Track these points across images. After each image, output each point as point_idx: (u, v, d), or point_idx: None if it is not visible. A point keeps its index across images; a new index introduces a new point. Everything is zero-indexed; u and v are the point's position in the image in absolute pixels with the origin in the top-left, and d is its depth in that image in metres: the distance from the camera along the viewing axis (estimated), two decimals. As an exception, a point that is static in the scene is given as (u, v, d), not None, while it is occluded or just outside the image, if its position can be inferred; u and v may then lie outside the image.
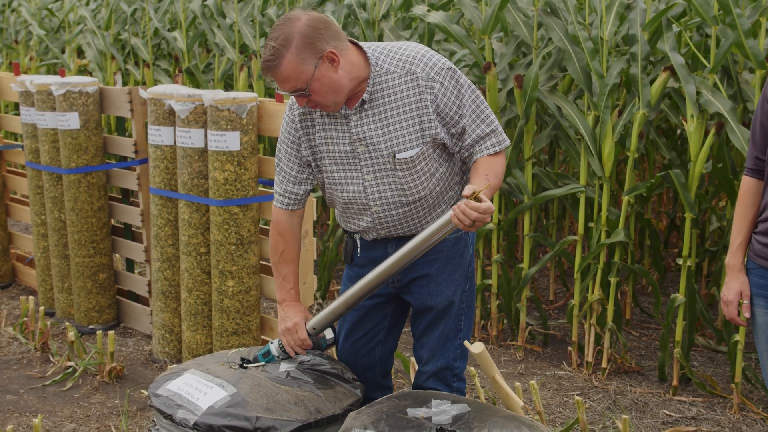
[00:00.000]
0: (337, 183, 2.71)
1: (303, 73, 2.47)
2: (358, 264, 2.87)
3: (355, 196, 2.70)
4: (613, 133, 4.10)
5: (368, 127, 2.61)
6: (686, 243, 4.03)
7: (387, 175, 2.64)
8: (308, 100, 2.55)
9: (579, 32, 4.13)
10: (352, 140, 2.63)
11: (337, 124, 2.65)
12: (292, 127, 2.72)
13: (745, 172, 2.69)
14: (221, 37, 5.68)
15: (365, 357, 2.99)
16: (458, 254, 2.82)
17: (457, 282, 2.84)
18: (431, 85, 2.57)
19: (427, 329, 2.88)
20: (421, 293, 2.83)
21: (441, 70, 2.59)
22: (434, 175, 2.67)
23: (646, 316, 5.10)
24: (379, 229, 2.75)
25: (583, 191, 4.28)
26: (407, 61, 2.59)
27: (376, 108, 2.60)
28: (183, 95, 3.92)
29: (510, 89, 4.42)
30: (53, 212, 4.68)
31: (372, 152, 2.62)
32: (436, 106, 2.58)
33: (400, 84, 2.59)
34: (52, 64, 7.36)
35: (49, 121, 4.56)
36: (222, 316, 3.98)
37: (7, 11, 8.10)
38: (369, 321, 2.95)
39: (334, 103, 2.56)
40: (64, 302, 4.81)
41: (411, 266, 2.78)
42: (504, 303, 4.68)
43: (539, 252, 6.11)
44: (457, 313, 2.87)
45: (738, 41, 3.72)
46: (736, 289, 2.67)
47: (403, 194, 2.66)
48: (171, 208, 4.15)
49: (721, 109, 3.81)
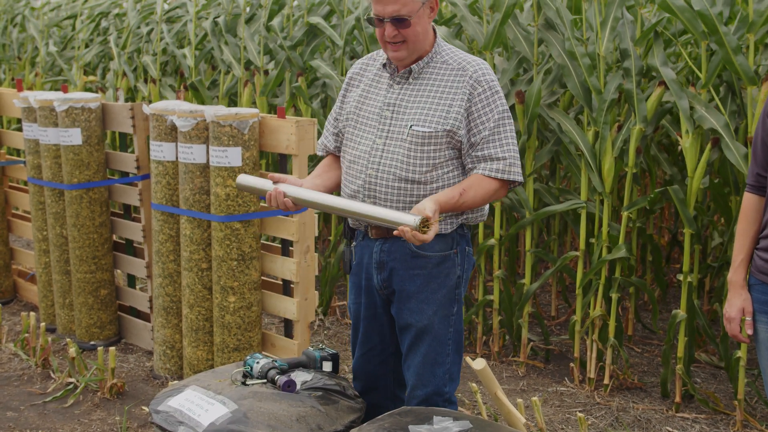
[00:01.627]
0: (350, 140, 2.85)
1: (413, 2, 2.64)
2: (356, 272, 2.93)
3: (360, 155, 2.80)
4: (612, 148, 4.11)
5: (402, 97, 2.76)
6: (686, 259, 4.03)
7: (396, 144, 2.73)
8: (398, 34, 2.67)
9: (576, 48, 4.14)
10: (383, 105, 2.78)
11: (378, 89, 2.82)
12: (343, 86, 2.96)
13: (747, 189, 2.69)
14: (228, 53, 5.71)
15: (378, 366, 3.00)
16: (443, 273, 2.81)
17: (439, 302, 2.81)
18: (474, 86, 2.72)
19: (411, 350, 2.86)
20: (401, 309, 2.84)
21: (489, 81, 2.74)
22: (437, 167, 2.73)
23: (648, 332, 5.09)
24: (365, 196, 2.77)
25: (584, 207, 4.28)
26: (465, 61, 2.77)
27: (418, 84, 2.76)
28: (185, 111, 3.93)
29: (511, 105, 4.43)
30: (55, 228, 4.69)
31: (394, 119, 2.75)
32: (469, 105, 2.70)
33: (449, 75, 2.75)
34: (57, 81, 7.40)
35: (51, 137, 4.57)
36: (223, 331, 3.97)
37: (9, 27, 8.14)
38: (376, 332, 2.96)
39: (413, 46, 2.70)
40: (65, 318, 4.81)
41: (394, 278, 2.81)
42: (506, 319, 4.67)
43: (541, 267, 6.10)
44: (443, 338, 2.84)
45: (727, 58, 3.74)
46: (739, 306, 2.67)
47: (401, 168, 2.72)
48: (173, 223, 4.15)
49: (715, 125, 3.81)
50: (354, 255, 2.92)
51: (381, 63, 2.85)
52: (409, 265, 2.78)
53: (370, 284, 2.88)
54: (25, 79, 7.50)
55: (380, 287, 2.85)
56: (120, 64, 6.56)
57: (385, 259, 2.81)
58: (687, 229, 4.01)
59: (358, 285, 2.93)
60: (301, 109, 5.35)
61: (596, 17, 4.12)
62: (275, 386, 2.77)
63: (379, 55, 2.90)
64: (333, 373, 2.93)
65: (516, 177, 2.73)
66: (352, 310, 3.01)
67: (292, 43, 5.39)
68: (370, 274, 2.86)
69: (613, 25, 4.12)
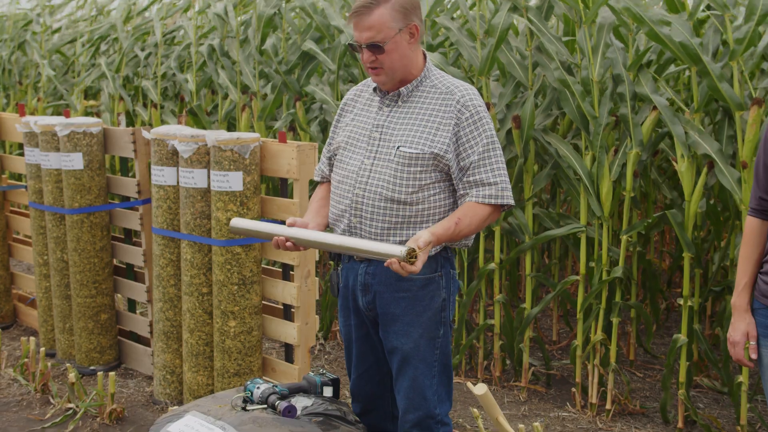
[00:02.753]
0: (340, 161, 2.89)
1: (388, 29, 2.69)
2: (343, 295, 2.96)
3: (348, 175, 2.83)
4: (610, 172, 4.12)
5: (391, 119, 2.81)
6: (686, 282, 4.02)
7: (384, 165, 2.76)
8: (375, 59, 2.72)
9: (567, 77, 4.15)
10: (372, 126, 2.83)
11: (369, 112, 2.87)
12: (338, 111, 3.00)
13: (749, 213, 2.69)
14: (225, 77, 5.73)
15: (376, 386, 3.01)
16: (428, 296, 2.82)
17: (425, 325, 2.82)
18: (461, 110, 2.74)
19: (399, 374, 2.87)
20: (387, 332, 2.85)
21: (476, 106, 2.76)
22: (423, 188, 2.75)
23: (650, 356, 5.06)
24: (351, 216, 2.79)
25: (583, 231, 4.28)
26: (453, 85, 2.81)
27: (407, 107, 2.81)
28: (186, 135, 3.94)
29: (509, 129, 4.44)
30: (56, 252, 4.68)
31: (383, 141, 2.80)
32: (456, 129, 2.73)
33: (437, 98, 2.79)
34: (59, 105, 7.43)
35: (53, 162, 4.58)
36: (224, 356, 3.96)
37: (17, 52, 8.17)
38: (369, 352, 2.97)
39: (391, 72, 2.75)
40: (65, 343, 4.79)
41: (378, 300, 2.82)
42: (506, 343, 4.65)
43: (542, 291, 6.09)
44: (429, 360, 2.84)
45: (712, 86, 3.77)
46: (743, 330, 2.66)
47: (387, 188, 2.74)
48: (173, 248, 4.15)
49: (708, 150, 3.84)
50: (341, 277, 2.94)
51: (373, 87, 2.90)
52: (393, 287, 2.80)
53: (357, 305, 2.91)
54: (28, 104, 7.52)
55: (366, 309, 2.88)
56: (116, 87, 6.56)
57: (369, 281, 2.83)
58: (686, 253, 4.01)
59: (347, 307, 2.96)
60: (300, 133, 5.36)
61: (587, 43, 4.14)
62: (276, 412, 2.75)
63: (371, 81, 2.94)
64: (334, 398, 2.92)
65: (508, 201, 2.76)
66: (344, 332, 3.03)
67: (287, 67, 5.41)
68: (356, 296, 2.89)
69: (603, 51, 4.15)
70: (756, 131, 3.64)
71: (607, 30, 4.17)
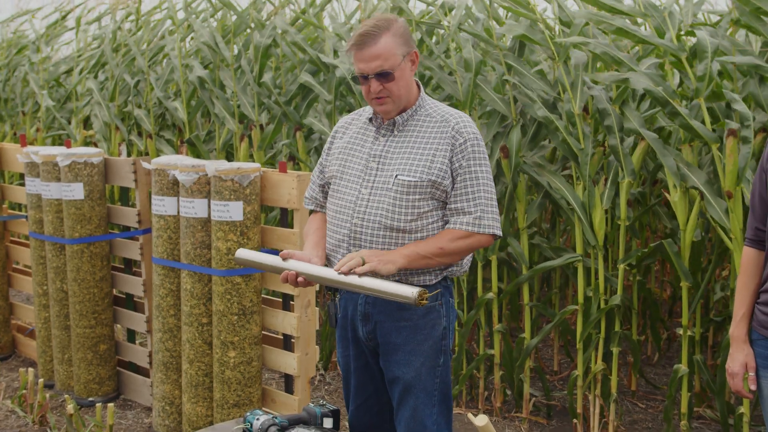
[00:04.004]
0: (336, 191, 2.87)
1: (394, 56, 2.69)
2: (342, 325, 2.94)
3: (346, 205, 2.81)
4: (601, 202, 4.14)
5: (388, 148, 2.80)
6: (685, 312, 4.02)
7: (382, 194, 2.75)
8: (382, 89, 2.71)
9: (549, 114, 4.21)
10: (369, 156, 2.82)
11: (364, 141, 2.86)
12: (329, 139, 2.99)
13: (746, 243, 2.70)
14: (220, 107, 5.75)
15: (374, 417, 3.00)
16: (429, 325, 2.82)
17: (426, 354, 2.82)
18: (455, 137, 2.76)
19: (400, 404, 2.86)
20: (388, 362, 2.84)
21: (470, 133, 2.77)
22: (422, 216, 2.75)
23: (651, 387, 5.04)
24: (350, 245, 2.78)
25: (580, 260, 4.28)
26: (448, 113, 2.82)
27: (403, 136, 2.80)
28: (187, 166, 3.96)
29: (498, 159, 4.47)
30: (55, 282, 4.68)
31: (380, 170, 2.79)
32: (451, 156, 2.74)
33: (433, 126, 2.79)
34: (58, 135, 7.44)
35: (53, 192, 4.59)
36: (223, 387, 3.94)
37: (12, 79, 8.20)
38: (369, 382, 2.96)
39: (398, 100, 2.75)
40: (63, 374, 4.77)
41: (379, 330, 2.82)
42: (507, 374, 4.63)
43: (542, 321, 6.07)
44: (430, 389, 2.84)
45: (684, 124, 3.83)
46: (741, 361, 2.65)
47: (386, 217, 2.74)
48: (173, 278, 4.15)
49: (696, 183, 3.87)
50: (339, 308, 2.92)
51: (367, 117, 2.90)
52: (394, 317, 2.79)
53: (357, 335, 2.89)
54: (27, 134, 7.55)
55: (366, 339, 2.87)
56: (111, 117, 6.56)
57: (370, 311, 2.83)
58: (684, 283, 4.02)
59: (345, 337, 2.94)
60: (299, 163, 5.38)
61: (565, 79, 4.20)
62: (275, 443, 2.73)
63: (364, 111, 2.95)
64: (334, 429, 2.90)
65: (486, 230, 2.73)
66: (342, 363, 3.01)
67: (286, 98, 5.44)
68: (356, 326, 2.87)
69: (581, 84, 4.21)
70: (735, 161, 3.66)
71: (583, 67, 4.24)
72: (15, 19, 8.69)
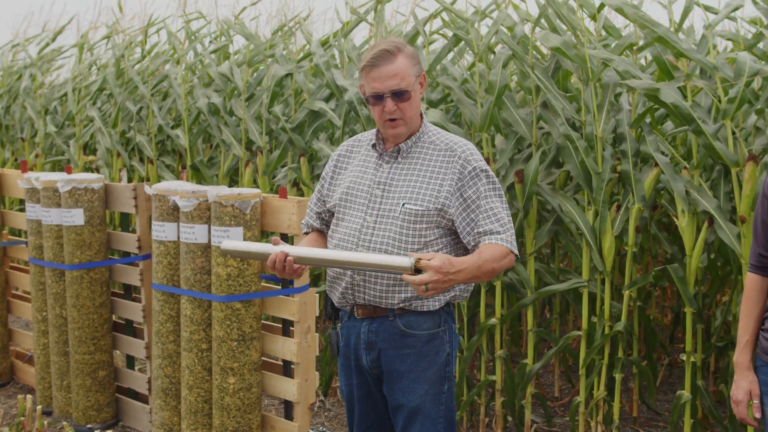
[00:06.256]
0: (340, 219, 2.85)
1: (409, 75, 2.71)
2: (344, 354, 2.92)
3: (350, 233, 2.79)
4: (612, 227, 4.13)
5: (392, 175, 2.79)
6: (688, 338, 4.00)
7: (388, 222, 2.74)
8: (397, 109, 2.71)
9: (572, 132, 4.20)
10: (373, 183, 2.80)
11: (367, 168, 2.84)
12: (329, 166, 2.96)
13: (749, 269, 2.69)
14: (228, 133, 5.77)
15: None
16: (433, 351, 2.80)
17: (431, 381, 2.80)
18: (463, 165, 2.74)
19: (405, 431, 2.83)
20: (393, 389, 2.82)
21: (477, 161, 2.76)
22: (428, 244, 2.73)
23: (653, 413, 5.01)
24: (355, 273, 2.76)
25: (585, 286, 4.27)
26: (453, 142, 2.81)
27: (407, 163, 2.79)
28: (187, 191, 3.96)
29: (511, 183, 4.47)
30: (55, 308, 4.66)
31: (385, 198, 2.77)
32: (460, 185, 2.72)
33: (438, 155, 2.79)
34: (57, 161, 7.45)
35: (54, 218, 4.59)
36: (222, 414, 3.92)
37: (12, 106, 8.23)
38: (372, 410, 2.93)
39: (410, 122, 2.76)
40: (62, 400, 4.74)
41: (383, 358, 2.80)
42: (508, 400, 4.61)
43: (543, 347, 6.04)
44: (434, 416, 2.82)
45: (707, 144, 3.82)
46: (746, 388, 2.63)
47: (393, 245, 2.72)
48: (173, 303, 4.14)
49: (707, 207, 3.87)
50: (341, 336, 2.90)
51: (369, 144, 2.88)
52: (398, 344, 2.78)
53: (360, 364, 2.87)
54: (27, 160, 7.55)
55: (370, 367, 2.85)
56: (113, 144, 6.59)
57: (373, 339, 2.81)
58: (688, 308, 4.00)
59: (348, 366, 2.92)
60: (303, 189, 5.39)
61: (593, 100, 4.19)
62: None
63: (364, 137, 2.94)
64: None
65: (515, 250, 2.72)
66: (345, 391, 2.99)
67: (293, 125, 5.46)
68: (359, 355, 2.85)
69: (608, 109, 4.21)
70: (753, 186, 3.67)
71: (612, 89, 4.23)
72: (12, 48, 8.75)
